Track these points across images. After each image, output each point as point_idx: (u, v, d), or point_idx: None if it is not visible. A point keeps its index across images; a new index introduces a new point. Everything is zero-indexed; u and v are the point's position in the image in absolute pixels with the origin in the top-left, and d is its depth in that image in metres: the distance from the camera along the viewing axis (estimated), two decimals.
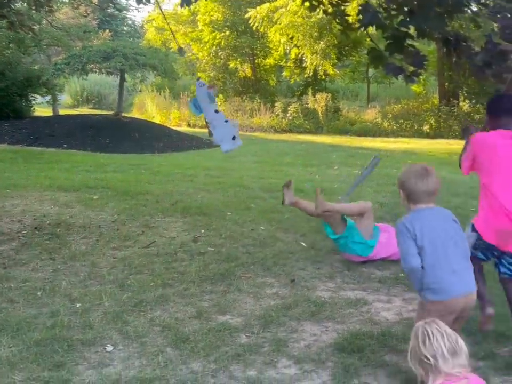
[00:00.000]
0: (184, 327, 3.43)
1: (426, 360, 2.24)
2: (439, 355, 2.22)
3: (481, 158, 3.21)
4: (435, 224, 2.78)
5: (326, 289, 4.18)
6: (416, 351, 2.31)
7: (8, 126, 14.71)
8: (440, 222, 2.80)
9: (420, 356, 2.27)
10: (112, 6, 11.34)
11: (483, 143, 3.24)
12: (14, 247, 4.99)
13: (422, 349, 2.27)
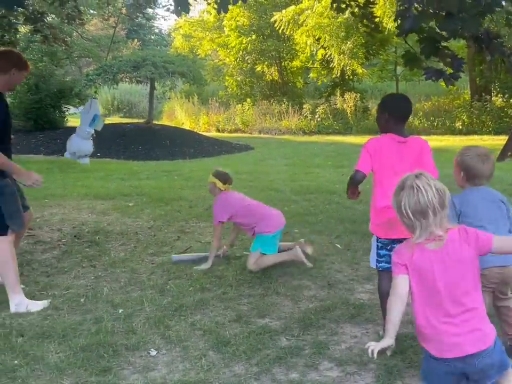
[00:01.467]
0: (225, 331, 3.47)
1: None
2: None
3: None
4: (483, 204, 2.93)
5: (365, 291, 4.16)
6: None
7: (43, 137, 15.11)
8: (487, 203, 2.94)
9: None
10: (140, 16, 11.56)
11: None
12: (56, 255, 5.13)
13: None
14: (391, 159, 3.22)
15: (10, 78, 3.93)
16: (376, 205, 3.28)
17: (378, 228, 3.30)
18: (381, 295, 3.34)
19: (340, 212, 6.70)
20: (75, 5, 10.42)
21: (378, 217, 3.27)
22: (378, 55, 20.47)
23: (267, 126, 19.67)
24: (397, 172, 3.12)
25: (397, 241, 3.18)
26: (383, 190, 3.20)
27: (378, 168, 3.25)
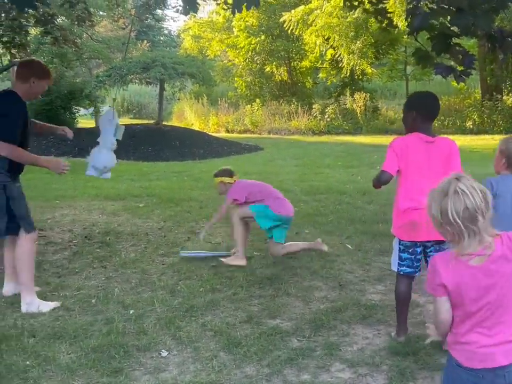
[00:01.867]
0: (236, 332, 3.46)
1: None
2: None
3: None
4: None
5: (376, 292, 4.14)
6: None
7: (54, 138, 15.16)
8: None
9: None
10: (150, 17, 11.61)
11: None
12: (67, 256, 5.15)
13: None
14: (418, 159, 3.13)
15: (30, 87, 3.91)
16: (399, 206, 3.20)
17: (400, 230, 3.22)
18: (398, 298, 3.31)
19: (350, 212, 6.67)
20: (85, 6, 10.48)
21: (401, 219, 3.19)
22: (388, 54, 20.37)
23: (276, 126, 19.65)
24: (424, 173, 3.09)
25: (419, 244, 3.15)
26: (408, 191, 3.14)
27: (404, 169, 3.16)
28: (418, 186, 3.08)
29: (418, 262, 3.22)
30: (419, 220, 3.04)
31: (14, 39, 11.22)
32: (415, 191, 3.10)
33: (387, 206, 6.88)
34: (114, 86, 15.60)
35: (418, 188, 3.08)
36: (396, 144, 3.19)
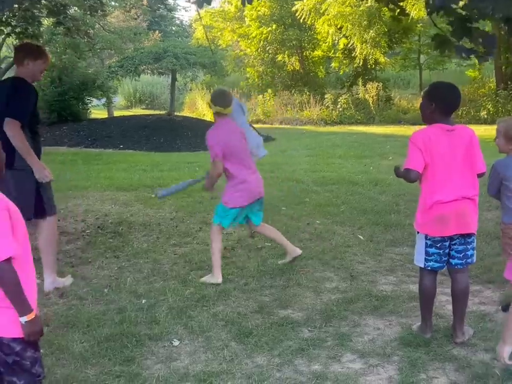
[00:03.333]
0: (247, 322, 3.47)
1: None
2: None
3: None
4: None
5: (388, 283, 4.13)
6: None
7: (67, 129, 15.28)
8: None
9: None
10: (162, 7, 11.60)
11: None
12: (80, 246, 5.19)
13: None
14: (441, 150, 3.05)
15: (28, 69, 3.96)
16: (427, 201, 3.09)
17: (428, 225, 3.12)
18: (424, 294, 3.25)
19: (362, 202, 6.65)
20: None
21: (429, 214, 3.09)
22: (401, 43, 20.15)
23: (288, 116, 19.57)
24: (448, 164, 3.03)
25: (447, 238, 3.09)
26: (436, 184, 3.06)
27: (429, 162, 3.05)
28: (445, 179, 3.04)
29: (446, 256, 3.15)
30: (448, 213, 3.02)
31: (27, 30, 11.25)
32: (442, 184, 3.04)
33: (399, 197, 6.87)
34: (126, 77, 15.64)
35: (445, 180, 3.04)
36: (418, 139, 3.08)
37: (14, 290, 2.03)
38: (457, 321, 3.18)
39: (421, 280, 3.28)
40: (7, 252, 2.00)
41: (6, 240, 2.00)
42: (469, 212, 3.08)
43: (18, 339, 2.07)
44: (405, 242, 5.08)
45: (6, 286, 2.02)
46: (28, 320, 2.05)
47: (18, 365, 2.09)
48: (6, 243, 2.00)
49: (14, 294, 2.03)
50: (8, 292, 2.02)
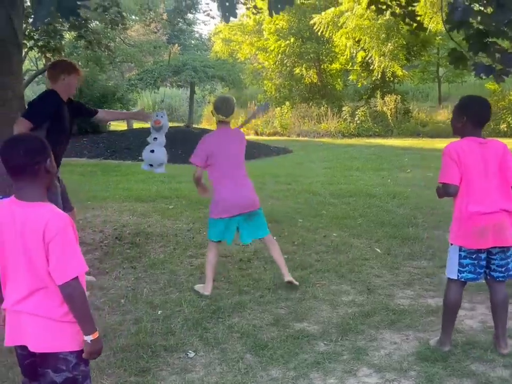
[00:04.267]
0: (262, 334, 3.46)
1: None
2: None
3: None
4: None
5: (405, 297, 4.08)
6: None
7: (87, 140, 15.47)
8: None
9: None
10: (182, 21, 11.78)
11: None
12: (98, 257, 5.24)
13: None
14: (475, 163, 3.04)
15: (63, 84, 4.16)
16: (464, 212, 3.05)
17: (464, 237, 3.08)
18: (449, 306, 3.20)
19: (379, 215, 6.60)
20: (118, 10, 10.67)
21: (466, 225, 3.06)
22: (419, 56, 20.10)
23: (306, 128, 19.59)
24: (482, 175, 3.02)
25: (485, 250, 3.06)
26: (471, 196, 3.03)
27: (464, 174, 3.04)
28: (481, 190, 3.02)
29: (481, 268, 3.11)
30: (486, 225, 3.00)
31: (49, 43, 11.49)
32: (478, 195, 3.02)
33: (417, 210, 6.81)
34: (146, 89, 15.84)
35: (481, 191, 3.02)
36: (452, 151, 3.07)
37: (82, 308, 2.04)
38: (501, 332, 3.16)
39: (447, 292, 3.23)
40: (78, 269, 2.02)
41: (76, 257, 2.02)
42: (507, 224, 3.05)
43: (75, 352, 2.09)
44: (423, 256, 5.03)
45: (75, 304, 2.02)
46: (93, 339, 2.05)
47: (69, 382, 2.09)
48: (76, 261, 2.02)
49: (81, 312, 2.04)
50: (76, 309, 2.03)
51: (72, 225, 2.04)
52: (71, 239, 2.01)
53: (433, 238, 5.60)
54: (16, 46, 4.85)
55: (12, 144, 2.05)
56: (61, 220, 2.01)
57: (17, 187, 2.06)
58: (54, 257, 1.98)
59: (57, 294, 2.03)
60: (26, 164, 2.02)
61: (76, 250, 2.02)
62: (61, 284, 1.98)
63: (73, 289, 2.00)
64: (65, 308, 2.04)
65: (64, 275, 1.98)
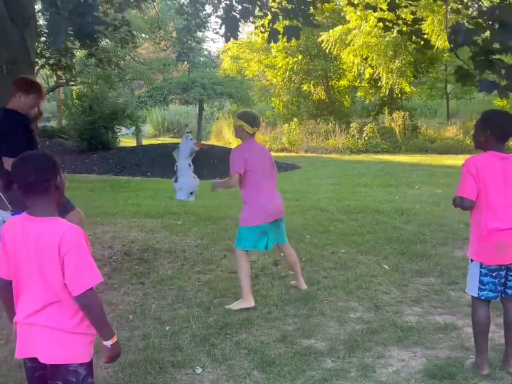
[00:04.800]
0: (270, 351, 3.46)
1: None
2: None
3: None
4: None
5: (413, 314, 4.07)
6: None
7: (97, 157, 15.64)
8: None
9: None
10: (191, 39, 11.92)
11: None
12: (106, 272, 5.26)
13: None
14: (496, 177, 3.02)
15: (20, 101, 4.03)
16: (483, 228, 3.03)
17: (484, 253, 3.06)
18: (478, 326, 3.14)
19: (387, 232, 6.60)
20: (128, 29, 10.83)
21: (486, 241, 3.03)
22: (427, 73, 20.19)
23: (313, 145, 19.66)
24: (503, 190, 3.00)
25: (504, 267, 3.04)
26: (491, 212, 3.01)
27: (483, 189, 3.02)
28: (500, 206, 3.01)
29: (501, 286, 3.09)
30: (506, 241, 2.98)
31: (60, 61, 11.69)
32: (498, 211, 3.01)
33: (425, 226, 6.80)
34: (155, 106, 16.00)
35: (501, 207, 3.01)
36: (472, 166, 3.05)
37: (100, 316, 2.10)
38: (511, 351, 3.13)
39: (474, 312, 3.18)
40: (94, 280, 2.07)
41: (91, 268, 2.07)
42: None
43: (85, 364, 2.13)
44: (431, 272, 5.02)
45: (93, 312, 2.08)
46: (112, 343, 2.13)
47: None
48: (91, 271, 2.07)
49: (100, 319, 2.10)
50: (94, 318, 2.09)
51: (85, 237, 2.09)
52: (86, 251, 2.06)
53: (441, 254, 5.58)
54: (29, 65, 4.96)
55: (23, 163, 2.11)
56: (76, 233, 2.06)
57: (29, 203, 2.11)
58: (70, 269, 2.03)
59: (69, 307, 2.07)
60: (37, 181, 2.07)
61: (91, 261, 2.07)
62: (77, 295, 2.03)
63: (89, 299, 2.05)
64: (76, 320, 2.08)
65: (81, 286, 2.03)
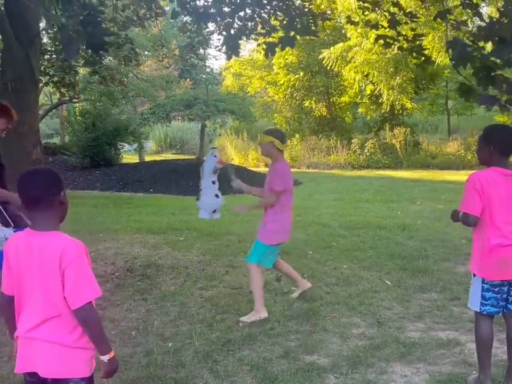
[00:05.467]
0: (272, 367, 3.46)
1: None
2: None
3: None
4: None
5: (416, 330, 4.06)
6: None
7: (99, 173, 15.71)
8: None
9: None
10: (194, 57, 12.04)
11: None
12: (109, 289, 5.27)
13: None
14: (500, 194, 3.03)
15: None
16: (486, 244, 3.04)
17: (487, 268, 3.07)
18: (481, 341, 3.14)
19: (389, 247, 6.60)
20: (132, 47, 10.96)
21: (489, 257, 3.04)
22: (428, 89, 20.32)
23: (315, 161, 19.74)
24: (506, 206, 3.02)
25: (506, 282, 3.05)
26: (495, 228, 3.02)
27: (486, 205, 3.02)
28: (504, 222, 3.02)
29: (503, 301, 3.09)
30: (509, 257, 2.99)
31: (64, 79, 11.80)
32: (501, 228, 3.01)
33: (427, 242, 6.81)
34: (158, 123, 16.11)
35: (504, 223, 3.01)
36: (476, 181, 3.04)
37: (98, 330, 2.11)
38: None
39: (477, 327, 3.18)
40: (93, 294, 2.09)
41: (90, 282, 2.09)
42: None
43: (86, 379, 2.15)
44: (433, 288, 5.02)
45: (91, 326, 2.09)
46: (109, 358, 2.13)
47: None
48: (91, 286, 2.08)
49: (97, 333, 2.11)
50: (92, 332, 2.10)
51: (86, 252, 2.11)
52: (86, 265, 2.09)
53: (443, 270, 5.58)
54: (33, 83, 5.04)
55: (28, 178, 2.15)
56: (77, 247, 2.09)
57: (33, 218, 2.15)
58: (70, 282, 2.05)
59: (69, 321, 2.09)
60: (42, 196, 2.11)
61: (91, 275, 2.09)
62: (76, 308, 2.05)
63: (87, 313, 2.06)
64: (76, 335, 2.09)
65: (79, 300, 2.05)
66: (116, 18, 9.43)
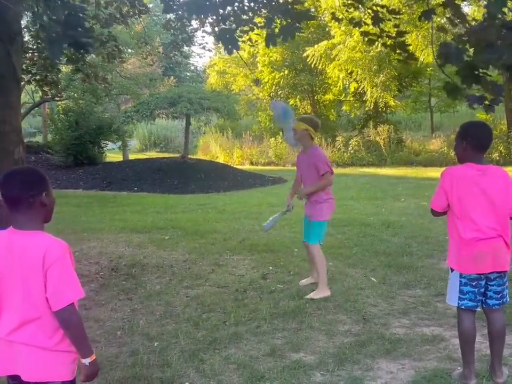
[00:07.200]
0: (259, 365, 3.46)
1: None
2: None
3: None
4: None
5: (401, 326, 4.09)
6: None
7: (83, 172, 15.57)
8: None
9: None
10: (177, 54, 11.95)
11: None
12: (94, 288, 5.23)
13: None
14: (473, 190, 3.07)
15: None
16: (462, 238, 3.08)
17: (463, 262, 3.10)
18: (464, 336, 3.16)
19: (374, 244, 6.64)
20: (115, 44, 10.84)
21: (465, 251, 3.07)
22: (411, 87, 20.47)
23: None
24: (480, 202, 3.06)
25: (483, 276, 3.08)
26: (470, 222, 3.06)
27: (457, 201, 3.08)
28: (477, 217, 3.05)
29: (481, 295, 3.12)
30: (485, 251, 3.03)
31: (46, 77, 11.64)
32: (475, 222, 3.05)
33: (412, 239, 6.86)
34: (142, 121, 15.98)
35: (478, 218, 3.05)
36: (446, 178, 3.13)
37: (79, 333, 2.08)
38: (496, 362, 3.16)
39: (459, 322, 3.20)
40: (76, 295, 2.06)
41: (73, 283, 2.06)
42: (504, 250, 3.09)
43: (68, 382, 2.12)
44: (418, 284, 5.06)
45: (72, 328, 2.06)
46: (90, 361, 2.10)
47: None
48: (73, 287, 2.05)
49: (79, 336, 2.08)
50: (73, 334, 2.06)
51: (70, 252, 2.09)
52: (69, 265, 2.06)
53: (427, 266, 5.63)
54: (15, 81, 4.95)
55: (9, 178, 2.12)
56: (61, 247, 2.06)
57: (15, 218, 2.11)
58: (52, 283, 2.01)
59: (50, 323, 2.05)
60: (21, 196, 2.07)
61: (73, 276, 2.06)
62: (57, 309, 2.02)
63: (69, 314, 2.03)
64: (57, 338, 2.06)
65: (61, 301, 2.02)
66: (99, 15, 9.31)
